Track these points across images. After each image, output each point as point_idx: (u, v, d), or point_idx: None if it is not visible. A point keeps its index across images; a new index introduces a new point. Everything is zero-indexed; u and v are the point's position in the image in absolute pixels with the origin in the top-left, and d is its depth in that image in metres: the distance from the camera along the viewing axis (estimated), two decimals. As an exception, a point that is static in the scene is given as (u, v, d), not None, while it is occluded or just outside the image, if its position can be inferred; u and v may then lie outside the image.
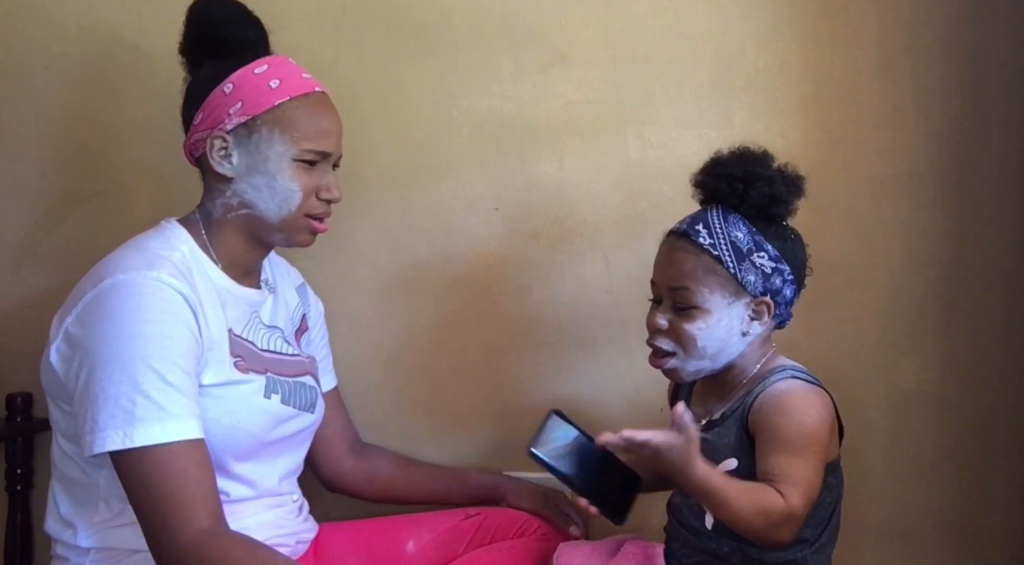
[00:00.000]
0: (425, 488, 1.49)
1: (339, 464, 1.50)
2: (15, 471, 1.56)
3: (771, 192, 1.18)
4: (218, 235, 1.29)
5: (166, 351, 1.14)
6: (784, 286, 1.19)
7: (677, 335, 1.19)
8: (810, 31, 1.52)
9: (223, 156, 1.26)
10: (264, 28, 1.34)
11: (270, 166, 1.25)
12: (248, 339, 1.29)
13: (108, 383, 1.12)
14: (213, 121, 1.26)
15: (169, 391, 1.12)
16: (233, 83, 1.26)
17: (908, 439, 1.55)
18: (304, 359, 1.39)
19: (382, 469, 1.51)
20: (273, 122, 1.25)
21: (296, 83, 1.28)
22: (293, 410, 1.30)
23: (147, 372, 1.12)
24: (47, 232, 1.66)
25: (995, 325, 1.52)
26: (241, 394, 1.23)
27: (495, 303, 1.61)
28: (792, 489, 1.08)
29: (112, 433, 1.10)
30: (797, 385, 1.16)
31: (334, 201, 1.30)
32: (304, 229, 1.30)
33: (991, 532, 1.54)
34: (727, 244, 1.17)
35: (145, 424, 1.10)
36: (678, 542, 1.26)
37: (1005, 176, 1.50)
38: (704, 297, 1.17)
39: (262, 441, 1.26)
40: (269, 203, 1.26)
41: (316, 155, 1.27)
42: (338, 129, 1.31)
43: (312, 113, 1.27)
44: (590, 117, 1.57)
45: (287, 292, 1.44)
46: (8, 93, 1.65)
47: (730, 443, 1.18)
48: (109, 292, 1.15)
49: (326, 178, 1.29)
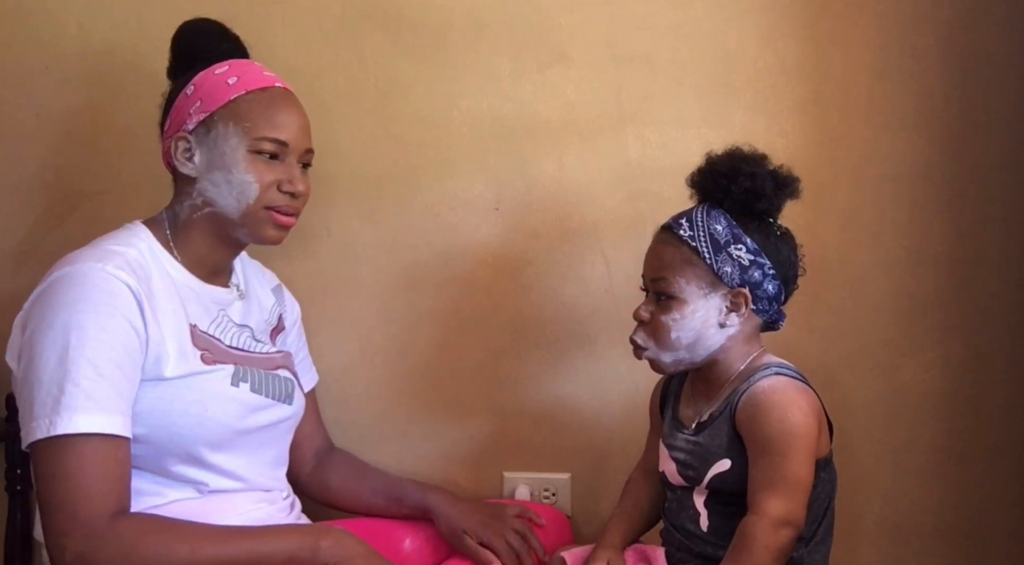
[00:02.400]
0: (368, 502, 1.46)
1: (299, 470, 1.48)
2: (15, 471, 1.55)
3: (752, 186, 1.19)
4: (184, 235, 1.28)
5: (103, 344, 1.13)
6: (765, 280, 1.20)
7: (654, 327, 1.22)
8: (810, 31, 1.52)
9: (187, 157, 1.27)
10: (241, 42, 1.36)
11: (226, 160, 1.24)
12: (214, 335, 1.28)
13: (43, 372, 1.12)
14: (177, 124, 1.27)
15: (100, 383, 1.12)
16: (195, 85, 1.27)
17: (907, 439, 1.55)
18: (276, 355, 1.38)
19: (333, 480, 1.49)
20: (228, 116, 1.25)
21: (254, 79, 1.28)
22: (266, 399, 1.29)
23: (81, 362, 1.11)
24: (47, 232, 1.66)
25: (995, 325, 1.52)
26: (207, 383, 1.23)
27: (495, 303, 1.61)
28: (771, 496, 1.11)
29: (41, 422, 1.10)
30: (780, 382, 1.17)
31: (298, 195, 1.28)
32: (266, 222, 1.27)
33: (990, 532, 1.54)
34: (705, 236, 1.20)
35: (70, 412, 1.10)
36: (674, 546, 1.26)
37: (1005, 176, 1.50)
38: (680, 287, 1.20)
39: (234, 429, 1.25)
40: (228, 197, 1.25)
41: (272, 144, 1.26)
42: (298, 122, 1.29)
43: (267, 105, 1.27)
44: (590, 117, 1.57)
45: (261, 293, 1.44)
46: (8, 93, 1.65)
47: (721, 444, 1.19)
48: (55, 284, 1.16)
49: (289, 172, 1.28)
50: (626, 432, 1.56)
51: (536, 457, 1.63)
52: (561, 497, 1.62)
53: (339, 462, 1.52)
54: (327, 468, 1.50)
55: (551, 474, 1.62)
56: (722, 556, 1.16)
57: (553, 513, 1.54)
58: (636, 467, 1.39)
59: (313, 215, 1.59)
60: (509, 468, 1.63)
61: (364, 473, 1.51)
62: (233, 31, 1.36)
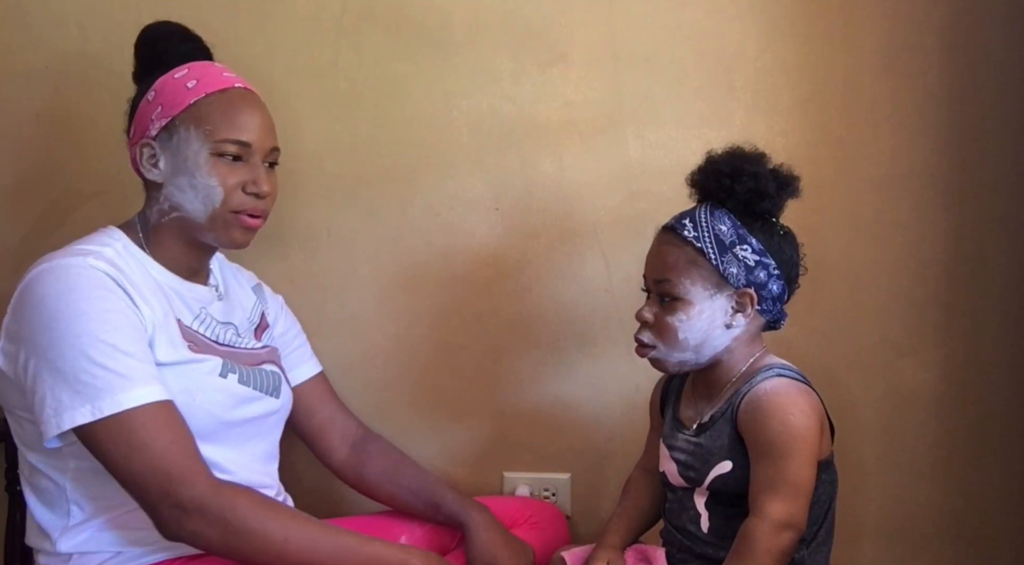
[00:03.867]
0: (403, 502, 1.45)
1: (331, 457, 1.48)
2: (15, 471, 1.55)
3: (756, 186, 1.18)
4: (156, 239, 1.28)
5: (111, 323, 1.14)
6: (769, 281, 1.20)
7: (660, 328, 1.21)
8: (810, 31, 1.52)
9: (152, 163, 1.27)
10: (203, 43, 1.35)
11: (189, 164, 1.24)
12: (198, 331, 1.28)
13: (61, 363, 1.11)
14: (141, 131, 1.27)
15: (126, 360, 1.13)
16: (155, 90, 1.27)
17: (907, 439, 1.55)
18: (262, 351, 1.38)
19: (370, 471, 1.47)
20: (189, 120, 1.24)
21: (213, 81, 1.27)
22: (254, 391, 1.29)
23: (99, 345, 1.12)
24: (47, 232, 1.66)
25: (995, 325, 1.52)
26: (196, 373, 1.23)
27: (495, 303, 1.61)
28: (772, 498, 1.10)
29: (80, 408, 1.10)
30: (781, 384, 1.17)
31: (263, 195, 1.27)
32: (233, 225, 1.26)
33: (991, 532, 1.55)
34: (710, 237, 1.19)
35: (111, 394, 1.10)
36: (674, 547, 1.26)
37: (1005, 176, 1.50)
38: (686, 288, 1.19)
39: (222, 420, 1.25)
40: (194, 202, 1.25)
41: (234, 146, 1.25)
42: (260, 121, 1.28)
43: (227, 106, 1.26)
44: (590, 117, 1.57)
45: (241, 293, 1.43)
46: (8, 93, 1.65)
47: (723, 446, 1.18)
48: (36, 280, 1.16)
49: (253, 172, 1.27)
50: (626, 432, 1.57)
51: (536, 457, 1.63)
52: (561, 497, 1.62)
53: (376, 453, 1.49)
54: (364, 458, 1.48)
55: (551, 474, 1.62)
56: (723, 557, 1.16)
57: (551, 509, 1.55)
58: (636, 466, 1.39)
59: (313, 215, 1.59)
60: (509, 468, 1.63)
61: (402, 470, 1.47)
62: (195, 32, 1.35)
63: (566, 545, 1.40)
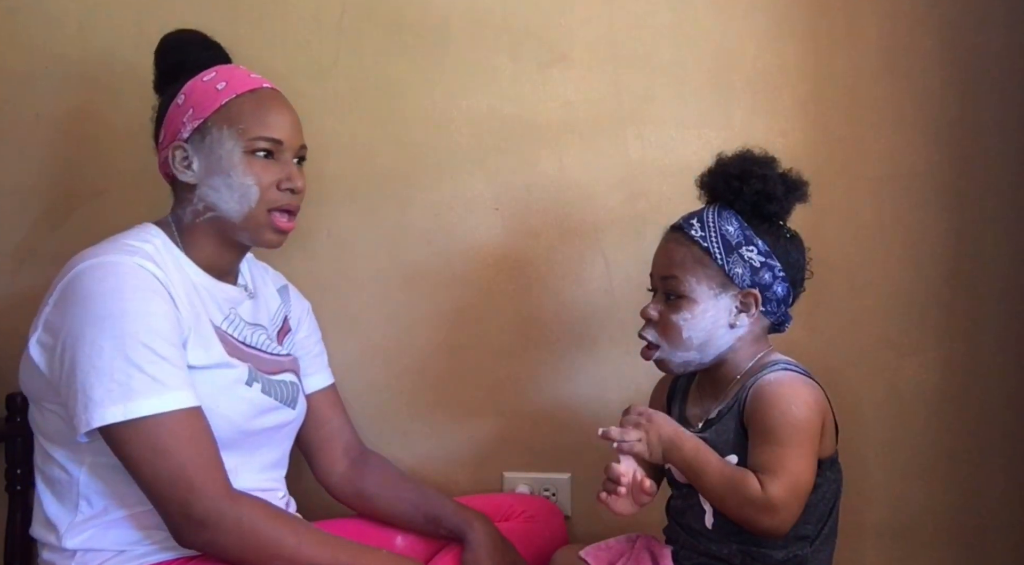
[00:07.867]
0: (403, 514, 1.44)
1: (331, 470, 1.47)
2: (15, 471, 1.55)
3: (764, 189, 1.19)
4: (190, 239, 1.29)
5: (152, 326, 1.15)
6: (775, 282, 1.20)
7: (664, 326, 1.22)
8: (810, 31, 1.52)
9: (185, 165, 1.28)
10: (222, 49, 1.36)
11: (224, 164, 1.25)
12: (229, 333, 1.29)
13: (99, 359, 1.12)
14: (172, 134, 1.28)
15: (162, 364, 1.14)
16: (184, 94, 1.29)
17: (908, 439, 1.55)
18: (283, 358, 1.39)
19: (370, 484, 1.46)
20: (222, 120, 1.26)
21: (242, 82, 1.29)
22: (274, 402, 1.30)
23: (138, 347, 1.13)
24: (47, 232, 1.66)
25: (995, 325, 1.52)
26: (224, 379, 1.24)
27: (495, 303, 1.61)
28: (773, 479, 1.11)
29: (111, 407, 1.11)
30: (786, 376, 1.18)
31: (297, 191, 1.30)
32: (267, 227, 1.28)
33: (991, 532, 1.54)
34: (717, 237, 1.20)
35: (144, 397, 1.12)
36: (678, 544, 1.26)
37: (1005, 176, 1.50)
38: (691, 286, 1.20)
39: (240, 429, 1.26)
40: (230, 202, 1.26)
41: (267, 143, 1.27)
42: (290, 120, 1.30)
43: (258, 105, 1.28)
44: (590, 117, 1.57)
45: (268, 294, 1.44)
46: (8, 93, 1.65)
47: (729, 440, 1.19)
48: (84, 274, 1.16)
49: (286, 169, 1.29)
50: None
51: (536, 457, 1.63)
52: (561, 497, 1.62)
53: (375, 469, 1.48)
54: (364, 472, 1.47)
55: (551, 474, 1.62)
56: (727, 553, 1.16)
57: (546, 504, 1.55)
58: None
59: (313, 215, 1.59)
60: (509, 468, 1.63)
61: (401, 484, 1.46)
62: (214, 39, 1.36)
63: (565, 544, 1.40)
